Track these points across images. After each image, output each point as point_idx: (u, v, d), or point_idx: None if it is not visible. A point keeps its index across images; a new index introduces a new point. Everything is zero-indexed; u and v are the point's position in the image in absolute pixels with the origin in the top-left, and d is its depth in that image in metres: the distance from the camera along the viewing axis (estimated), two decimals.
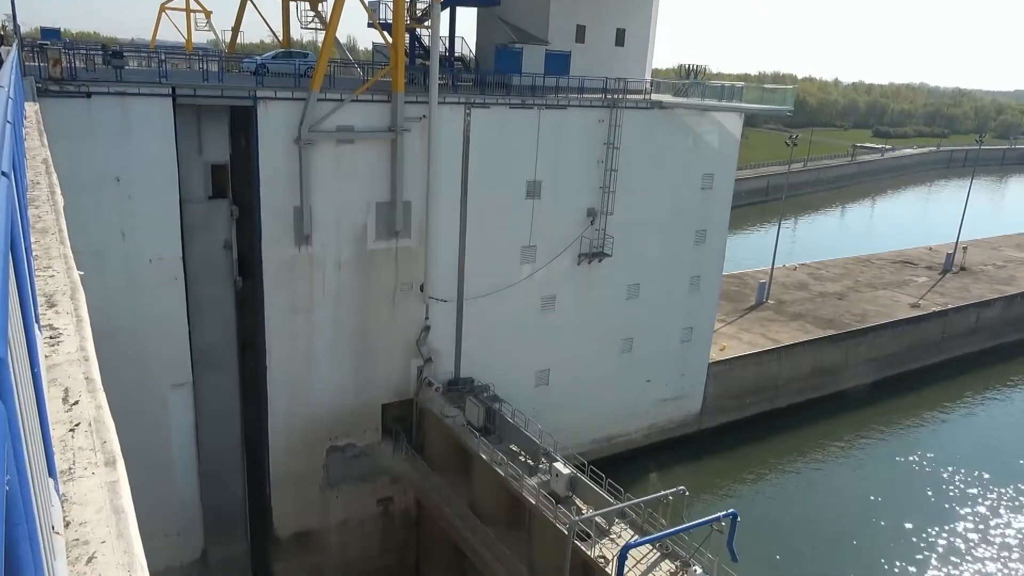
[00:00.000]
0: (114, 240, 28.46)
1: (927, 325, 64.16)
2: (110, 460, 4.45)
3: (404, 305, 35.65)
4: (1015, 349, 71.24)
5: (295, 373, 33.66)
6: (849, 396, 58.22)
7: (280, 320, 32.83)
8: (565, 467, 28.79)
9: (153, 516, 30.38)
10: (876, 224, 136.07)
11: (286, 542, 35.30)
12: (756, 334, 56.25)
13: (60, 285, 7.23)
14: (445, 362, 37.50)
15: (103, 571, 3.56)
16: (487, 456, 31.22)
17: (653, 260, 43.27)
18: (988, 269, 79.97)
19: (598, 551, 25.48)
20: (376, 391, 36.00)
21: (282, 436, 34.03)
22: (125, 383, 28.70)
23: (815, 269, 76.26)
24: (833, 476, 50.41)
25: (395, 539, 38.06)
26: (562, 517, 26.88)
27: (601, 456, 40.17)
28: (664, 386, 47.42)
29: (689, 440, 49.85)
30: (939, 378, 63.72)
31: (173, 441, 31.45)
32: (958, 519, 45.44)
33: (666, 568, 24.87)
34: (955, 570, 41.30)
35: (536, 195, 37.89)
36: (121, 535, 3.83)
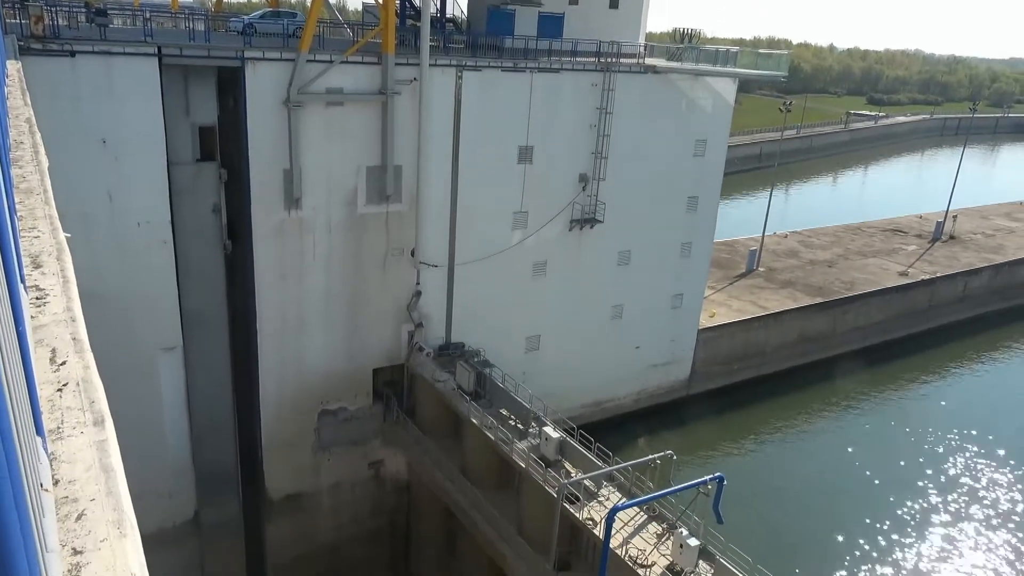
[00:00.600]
0: (101, 202, 28.16)
1: (915, 293, 64.63)
2: (99, 420, 4.45)
3: (395, 270, 35.58)
4: (1001, 317, 71.95)
5: (286, 337, 33.67)
6: (836, 363, 58.81)
7: (270, 284, 32.73)
8: (555, 431, 29.09)
9: (145, 477, 30.55)
10: (868, 192, 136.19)
11: (278, 504, 35.67)
12: (746, 301, 56.55)
13: (46, 246, 7.16)
14: (436, 327, 37.57)
15: (93, 528, 3.57)
16: (477, 420, 31.47)
17: (644, 227, 43.23)
18: (977, 238, 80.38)
19: (586, 513, 25.88)
20: (367, 356, 36.10)
21: (273, 400, 34.17)
22: (114, 346, 28.62)
23: (806, 237, 76.44)
24: (819, 442, 51.17)
25: (386, 502, 38.51)
26: (551, 480, 27.23)
27: (590, 421, 40.57)
28: (653, 352, 47.75)
29: (677, 405, 50.37)
30: (926, 346, 64.41)
31: (164, 404, 31.53)
32: (943, 484, 46.32)
33: (653, 530, 25.30)
34: (939, 534, 42.22)
35: (528, 160, 37.65)
36: (111, 493, 3.84)
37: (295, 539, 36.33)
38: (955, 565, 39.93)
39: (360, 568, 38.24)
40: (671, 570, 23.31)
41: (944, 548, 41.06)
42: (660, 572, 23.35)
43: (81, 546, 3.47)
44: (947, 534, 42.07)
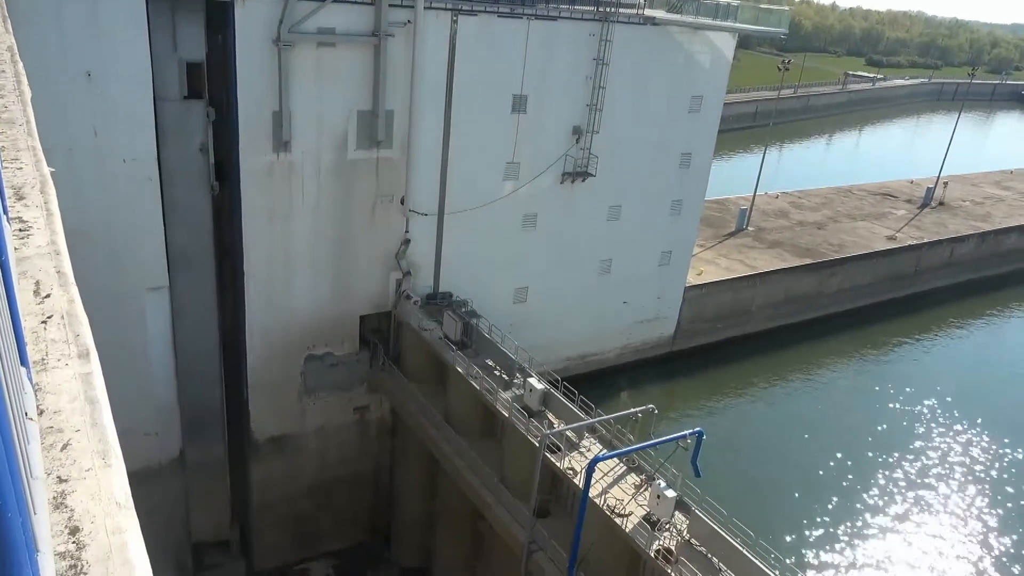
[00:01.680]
0: (86, 137, 27.65)
1: (901, 258, 65.10)
2: (83, 352, 4.44)
3: (384, 217, 35.35)
4: (986, 284, 72.74)
5: (273, 281, 33.58)
6: (821, 324, 59.51)
7: (258, 227, 32.48)
8: (539, 383, 29.39)
9: (131, 415, 30.75)
10: (861, 155, 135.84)
11: (263, 445, 36.05)
12: (734, 260, 56.79)
13: (28, 178, 7.03)
14: (424, 276, 37.54)
15: (78, 458, 3.60)
16: (463, 370, 31.72)
17: (636, 182, 43.03)
18: (966, 205, 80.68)
19: (567, 463, 26.34)
20: (354, 302, 36.12)
21: (259, 342, 34.24)
22: (101, 284, 28.48)
23: (797, 198, 76.45)
24: (799, 401, 52.08)
25: (371, 446, 39.02)
26: (534, 430, 27.62)
27: (575, 373, 40.98)
28: (640, 308, 48.04)
29: (661, 361, 50.96)
30: (910, 310, 65.19)
31: (150, 343, 31.54)
32: (920, 445, 47.40)
33: (631, 481, 25.81)
34: (913, 495, 43.38)
35: (521, 110, 37.16)
36: (96, 424, 3.86)
37: (280, 480, 36.84)
38: (927, 524, 41.15)
39: (344, 510, 38.94)
40: (647, 520, 23.87)
41: (917, 508, 42.26)
42: (637, 521, 23.91)
43: (66, 475, 3.50)
44: (921, 495, 43.24)
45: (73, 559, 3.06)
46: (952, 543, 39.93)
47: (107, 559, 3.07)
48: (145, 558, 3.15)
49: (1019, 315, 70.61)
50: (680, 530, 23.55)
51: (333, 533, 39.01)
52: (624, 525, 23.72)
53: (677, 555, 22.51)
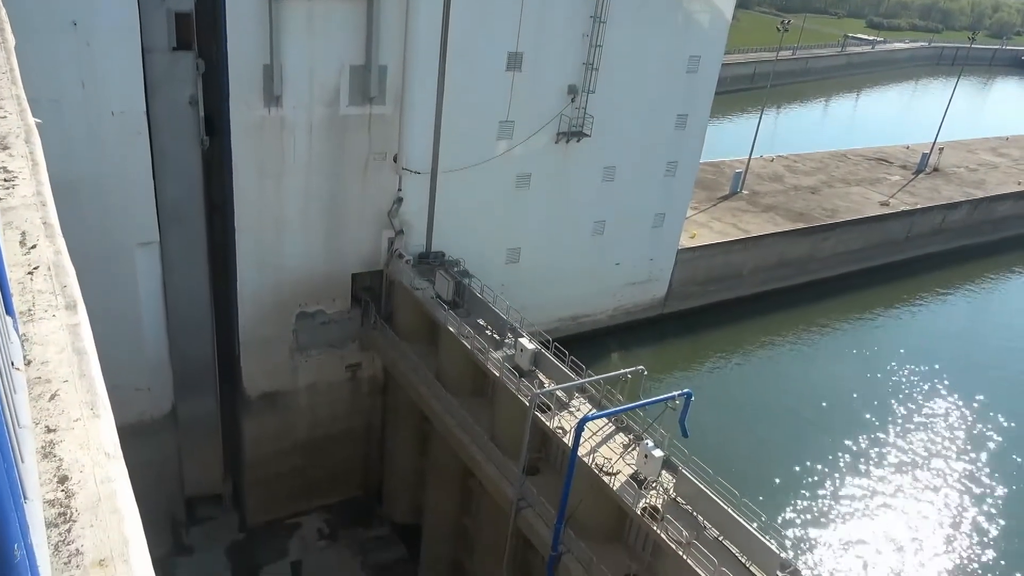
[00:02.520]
0: (73, 89, 27.15)
1: (893, 224, 65.20)
2: (71, 304, 4.42)
3: (377, 175, 35.04)
4: (977, 251, 73.05)
5: (264, 237, 33.38)
6: (812, 289, 59.80)
7: (248, 183, 32.17)
8: (530, 343, 29.52)
9: (122, 370, 30.81)
10: (859, 119, 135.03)
11: (255, 402, 36.26)
12: (727, 223, 56.76)
13: (13, 127, 6.91)
14: (416, 235, 37.39)
15: (66, 408, 3.61)
16: (455, 329, 31.81)
17: (631, 143, 42.69)
18: (960, 171, 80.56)
19: (557, 422, 26.62)
20: (346, 260, 36.01)
21: (251, 299, 34.18)
22: (90, 238, 28.32)
23: (792, 162, 76.13)
24: (788, 364, 52.61)
25: (362, 403, 39.29)
26: (524, 390, 27.84)
27: (566, 334, 41.19)
28: (632, 270, 48.10)
29: (652, 323, 51.23)
30: (901, 276, 65.51)
31: (141, 298, 31.45)
32: (907, 410, 48.07)
33: (620, 440, 26.14)
34: (898, 458, 44.15)
35: (517, 67, 36.62)
36: (84, 375, 3.86)
37: (272, 436, 37.14)
38: (910, 488, 41.97)
39: (336, 466, 39.38)
40: (635, 478, 24.24)
41: (902, 472, 43.04)
42: (624, 480, 24.28)
43: (55, 424, 3.51)
44: (906, 459, 44.00)
45: (62, 507, 3.09)
46: (935, 507, 40.80)
47: (96, 507, 3.10)
48: (134, 507, 3.18)
49: (1010, 281, 71.11)
50: (666, 489, 23.94)
51: (325, 489, 39.51)
52: (612, 483, 24.09)
53: (663, 513, 22.92)
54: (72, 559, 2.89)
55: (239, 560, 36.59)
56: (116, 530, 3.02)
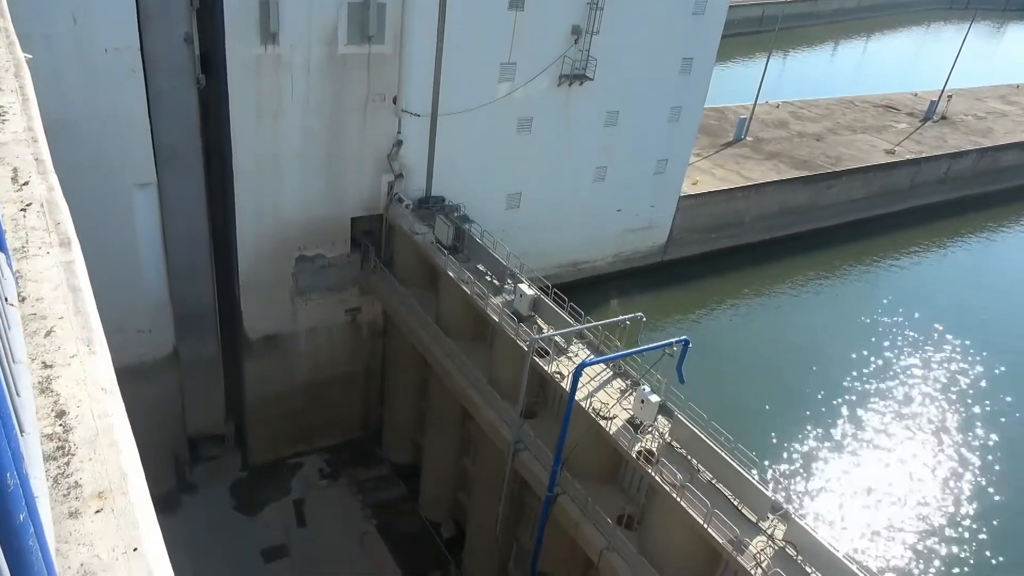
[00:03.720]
0: (64, 24, 26.51)
1: (898, 172, 64.57)
2: (65, 241, 4.38)
3: (376, 117, 34.53)
4: (980, 201, 72.52)
5: (262, 179, 33.09)
6: (814, 237, 59.61)
7: (246, 123, 31.72)
8: (529, 288, 29.58)
9: (122, 312, 30.95)
10: (867, 64, 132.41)
11: (256, 344, 36.52)
12: (730, 170, 56.23)
13: (1, 61, 6.76)
14: (416, 179, 37.06)
15: (62, 344, 3.61)
16: (454, 274, 31.83)
17: (635, 87, 41.95)
18: (968, 120, 79.41)
19: (555, 367, 26.87)
20: (345, 204, 35.78)
21: (250, 241, 34.09)
22: (87, 179, 28.11)
23: (798, 108, 74.98)
24: (787, 312, 52.79)
25: (362, 347, 39.59)
26: (523, 335, 28.01)
27: (565, 281, 41.25)
28: (633, 216, 47.86)
29: (652, 270, 51.23)
30: (904, 225, 65.16)
31: (139, 240, 31.37)
32: (906, 360, 48.43)
33: (617, 386, 26.43)
34: (894, 407, 44.70)
35: (519, 6, 35.70)
36: (79, 312, 3.85)
37: (273, 378, 37.53)
38: (905, 436, 42.60)
39: (336, 408, 39.92)
40: (631, 423, 24.59)
41: (897, 420, 43.63)
42: (621, 424, 24.63)
43: (51, 360, 3.52)
44: (903, 408, 44.54)
45: (60, 440, 3.11)
46: (928, 455, 41.49)
47: (94, 441, 3.12)
48: (132, 441, 3.21)
49: (1012, 232, 70.82)
50: (662, 433, 24.31)
51: (326, 430, 40.14)
52: (608, 427, 24.44)
53: (658, 456, 23.32)
54: (71, 491, 2.93)
55: (242, 498, 37.42)
56: (114, 463, 3.05)
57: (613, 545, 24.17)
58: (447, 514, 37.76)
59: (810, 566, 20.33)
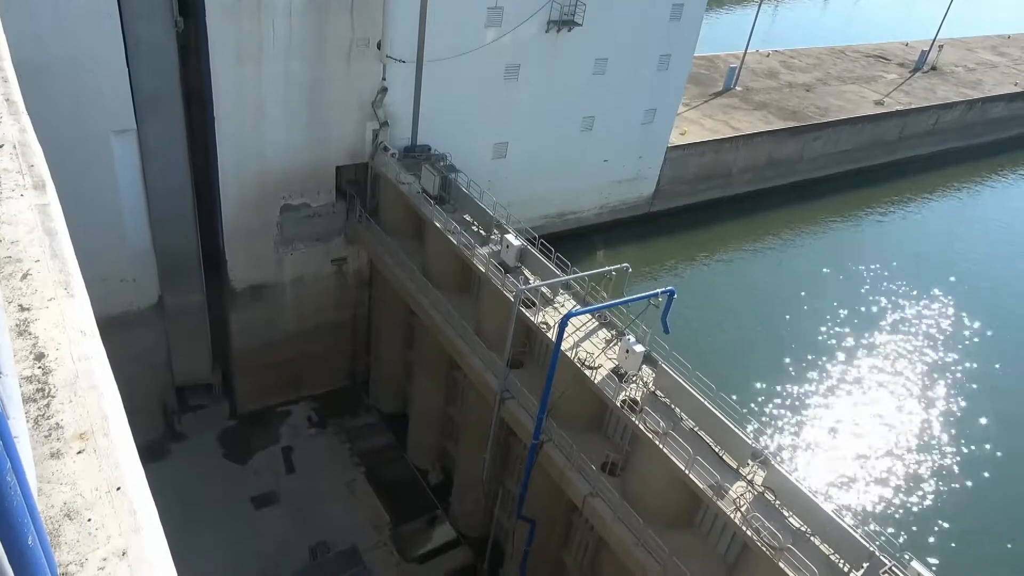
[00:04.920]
0: None
1: (886, 124, 64.37)
2: (39, 183, 4.30)
3: (360, 63, 33.81)
4: (968, 153, 72.64)
5: (244, 126, 32.50)
6: (800, 189, 59.63)
7: (226, 69, 30.98)
8: (516, 239, 29.50)
9: (105, 261, 30.67)
10: (860, 13, 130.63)
11: (241, 294, 36.39)
12: (718, 121, 55.82)
13: None
14: (402, 127, 36.54)
15: (39, 287, 3.57)
16: (441, 224, 31.66)
17: (624, 34, 41.24)
18: (958, 71, 78.94)
19: (541, 318, 27.01)
20: (330, 152, 35.28)
21: (233, 190, 33.67)
22: (65, 125, 27.54)
23: (788, 57, 74.16)
24: (773, 264, 53.14)
25: (348, 297, 39.56)
26: (509, 285, 28.06)
27: (552, 231, 41.19)
28: (620, 167, 47.59)
29: (639, 221, 51.21)
30: (890, 178, 65.28)
31: (120, 188, 30.89)
32: (889, 313, 49.03)
33: (602, 336, 26.65)
34: (877, 359, 45.41)
35: None
36: (56, 255, 3.80)
37: (259, 328, 37.52)
38: (885, 387, 43.40)
39: (323, 357, 40.08)
40: (616, 372, 24.88)
41: (879, 371, 44.39)
42: (606, 373, 24.92)
43: (28, 304, 3.48)
44: (884, 361, 45.26)
45: (40, 383, 3.10)
46: (908, 405, 42.35)
47: (74, 383, 3.12)
48: (113, 384, 3.20)
49: (999, 184, 71.14)
50: (646, 382, 24.63)
51: (313, 379, 40.36)
52: (593, 377, 24.73)
53: (642, 405, 23.68)
54: (52, 432, 2.93)
55: (231, 446, 37.77)
56: (95, 406, 3.04)
57: (597, 490, 24.69)
58: (434, 461, 38.36)
59: (788, 510, 20.90)
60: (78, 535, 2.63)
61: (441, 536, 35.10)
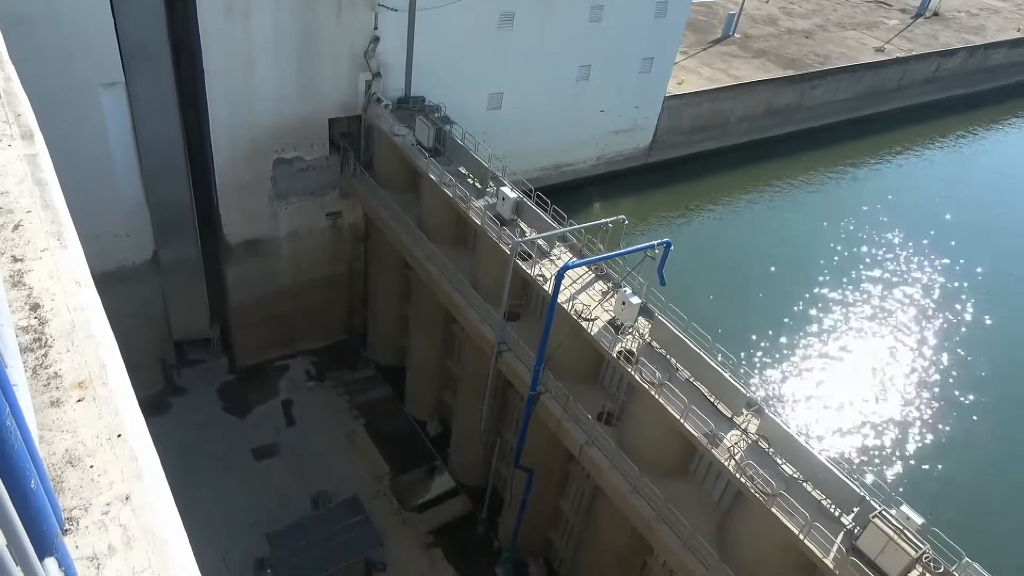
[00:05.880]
0: None
1: (886, 72, 63.53)
2: (27, 133, 4.23)
3: (351, 12, 33.08)
4: (969, 102, 71.90)
5: (234, 78, 31.93)
6: (799, 139, 59.14)
7: (215, 20, 30.28)
8: (512, 191, 29.31)
9: (99, 217, 30.49)
10: None
11: (236, 249, 36.26)
12: (717, 69, 55.02)
13: None
14: (395, 78, 35.93)
15: (32, 238, 3.54)
16: (436, 177, 31.41)
17: None
18: (961, 16, 77.60)
19: (537, 270, 27.00)
20: (322, 104, 34.76)
21: (225, 144, 33.26)
22: (52, 78, 27.08)
23: (788, 3, 72.78)
24: (770, 215, 52.98)
25: (344, 251, 39.46)
26: (506, 238, 27.97)
27: (548, 184, 40.95)
28: (617, 117, 47.05)
29: (635, 173, 50.87)
30: (889, 127, 64.71)
31: (110, 142, 30.50)
32: (887, 263, 49.11)
33: (599, 288, 26.70)
34: (876, 309, 45.63)
35: None
36: (48, 206, 3.76)
37: (255, 282, 37.50)
38: (879, 335, 43.73)
39: (320, 311, 40.17)
40: (612, 324, 25.00)
41: (872, 319, 44.66)
42: (602, 325, 25.05)
43: (21, 254, 3.46)
44: (878, 310, 45.50)
45: (36, 333, 3.10)
46: (901, 356, 42.74)
47: (71, 333, 3.11)
48: (110, 333, 3.20)
49: (999, 133, 70.58)
50: (642, 334, 24.78)
51: (310, 333, 40.52)
52: (590, 328, 24.86)
53: (638, 356, 23.86)
54: (51, 381, 2.94)
55: (231, 399, 38.10)
56: (93, 355, 3.05)
57: (593, 440, 25.05)
58: (432, 413, 38.80)
59: (781, 458, 21.26)
60: (81, 481, 2.66)
61: (440, 486, 35.72)
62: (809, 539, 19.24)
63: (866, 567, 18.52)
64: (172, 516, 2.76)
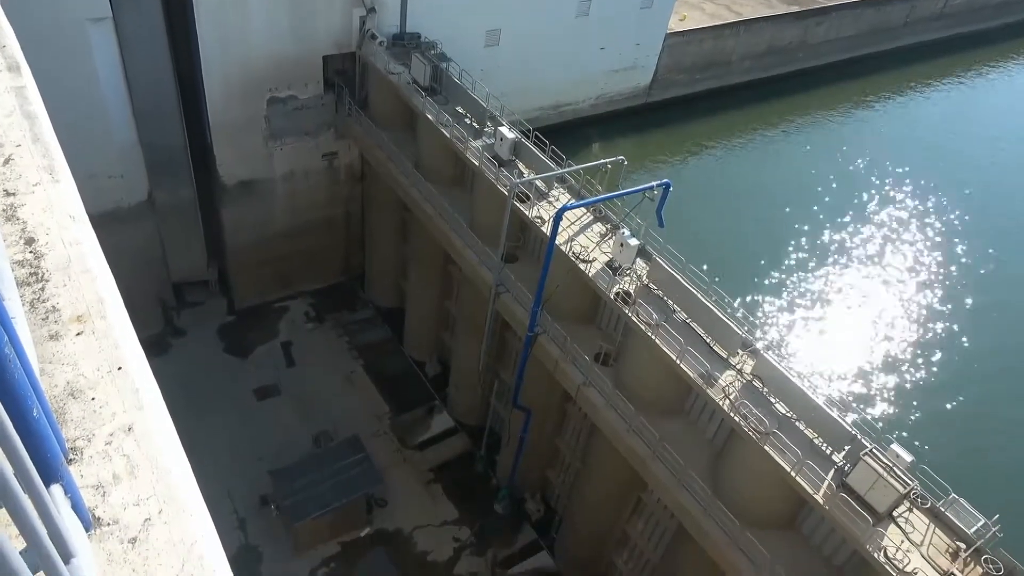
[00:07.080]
0: None
1: (892, 8, 62.01)
2: (13, 65, 4.13)
3: None
4: (976, 40, 70.36)
5: (225, 14, 31.08)
6: (802, 78, 58.08)
7: None
8: (510, 131, 28.90)
9: (92, 158, 30.13)
10: None
11: (231, 189, 35.96)
12: (720, 5, 53.69)
13: None
14: (390, 14, 35.02)
15: (23, 172, 3.49)
16: (433, 117, 30.93)
17: None
18: None
19: (536, 212, 26.85)
20: (315, 41, 33.96)
21: (218, 82, 32.62)
22: (37, 13, 26.31)
23: None
24: (771, 156, 52.43)
25: (340, 192, 39.16)
26: (503, 179, 27.73)
27: (547, 124, 40.35)
28: (617, 56, 46.10)
29: (635, 112, 50.13)
30: (894, 65, 63.46)
31: (100, 80, 29.90)
32: (889, 204, 48.82)
33: (597, 230, 26.61)
34: (875, 251, 45.58)
35: None
36: (38, 139, 3.70)
37: (252, 224, 37.32)
38: (879, 278, 43.78)
39: (318, 253, 40.12)
40: (610, 266, 25.01)
41: (871, 262, 44.65)
42: (600, 267, 25.05)
43: (13, 188, 3.42)
44: (878, 253, 45.41)
45: (32, 267, 3.09)
46: (900, 298, 42.89)
47: (67, 267, 3.10)
48: (106, 267, 3.19)
49: (1007, 71, 69.30)
50: (640, 275, 24.81)
51: (309, 274, 40.56)
52: (588, 270, 24.87)
53: (635, 297, 23.94)
54: (49, 315, 2.94)
55: (231, 340, 38.38)
56: (90, 289, 3.04)
57: (590, 380, 25.36)
58: (431, 353, 39.16)
59: (774, 397, 21.56)
60: (83, 412, 2.69)
61: (439, 425, 36.31)
62: (800, 476, 19.68)
63: (855, 502, 18.99)
64: (175, 446, 2.80)
